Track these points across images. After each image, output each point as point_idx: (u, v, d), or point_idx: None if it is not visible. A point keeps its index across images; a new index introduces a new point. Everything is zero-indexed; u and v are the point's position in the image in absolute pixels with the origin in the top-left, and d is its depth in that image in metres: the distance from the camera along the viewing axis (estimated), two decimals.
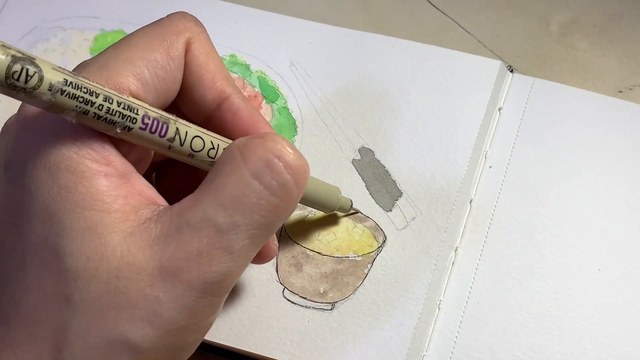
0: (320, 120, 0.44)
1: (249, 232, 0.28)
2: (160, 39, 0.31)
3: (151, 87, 0.30)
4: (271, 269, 0.39)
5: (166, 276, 0.27)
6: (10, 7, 0.50)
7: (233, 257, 0.28)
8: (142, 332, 0.27)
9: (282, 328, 0.38)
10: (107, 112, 0.27)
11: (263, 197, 0.28)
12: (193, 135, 0.29)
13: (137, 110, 0.28)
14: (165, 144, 0.29)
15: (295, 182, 0.28)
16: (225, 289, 0.28)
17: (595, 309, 0.38)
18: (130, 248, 0.27)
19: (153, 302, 0.27)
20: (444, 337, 0.38)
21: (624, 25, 0.48)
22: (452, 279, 0.39)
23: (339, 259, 0.39)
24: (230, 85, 0.33)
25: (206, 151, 0.30)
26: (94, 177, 0.27)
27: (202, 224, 0.27)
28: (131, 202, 0.28)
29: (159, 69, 0.30)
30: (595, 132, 0.42)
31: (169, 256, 0.27)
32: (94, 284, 0.27)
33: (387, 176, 0.42)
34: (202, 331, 0.29)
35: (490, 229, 0.40)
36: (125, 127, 0.27)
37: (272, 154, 0.28)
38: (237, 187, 0.27)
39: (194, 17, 0.33)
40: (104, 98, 0.26)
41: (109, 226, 0.27)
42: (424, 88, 0.44)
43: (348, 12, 0.50)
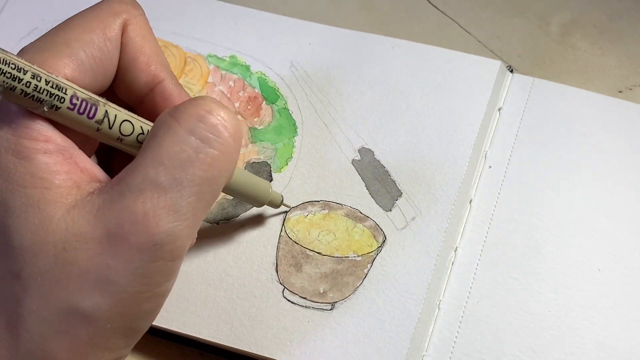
0: (320, 120, 0.44)
1: (192, 188, 0.27)
2: (97, 20, 0.31)
3: (87, 69, 0.30)
4: (271, 269, 0.39)
5: (114, 242, 0.27)
6: (11, 8, 0.50)
7: (180, 215, 0.27)
8: (94, 300, 0.27)
9: (282, 328, 0.38)
10: (34, 90, 0.27)
11: (201, 150, 0.28)
12: (122, 119, 0.30)
13: (65, 89, 0.28)
14: (93, 125, 0.29)
15: (231, 133, 0.28)
16: (177, 251, 0.28)
17: (595, 309, 0.38)
18: (74, 219, 0.27)
19: (103, 269, 0.27)
20: (444, 337, 0.38)
21: (624, 25, 0.48)
22: (452, 279, 0.39)
23: (339, 259, 0.39)
24: (164, 70, 0.32)
25: (135, 135, 0.30)
26: (32, 155, 0.27)
27: (144, 185, 0.27)
28: (73, 177, 0.28)
29: (95, 50, 0.30)
30: (595, 132, 0.42)
31: (115, 222, 0.27)
32: (42, 258, 0.27)
33: (387, 176, 0.42)
34: (158, 299, 0.29)
35: (490, 229, 0.40)
36: (52, 106, 0.27)
37: (203, 109, 0.28)
38: (173, 145, 0.27)
39: (133, 0, 0.33)
40: (31, 75, 0.27)
41: (50, 201, 0.27)
42: (424, 88, 0.44)
43: (348, 13, 0.50)
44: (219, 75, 0.46)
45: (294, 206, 0.41)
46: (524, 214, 0.40)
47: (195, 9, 0.49)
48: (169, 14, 0.49)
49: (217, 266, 0.39)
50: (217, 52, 0.47)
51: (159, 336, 0.39)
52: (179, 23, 0.48)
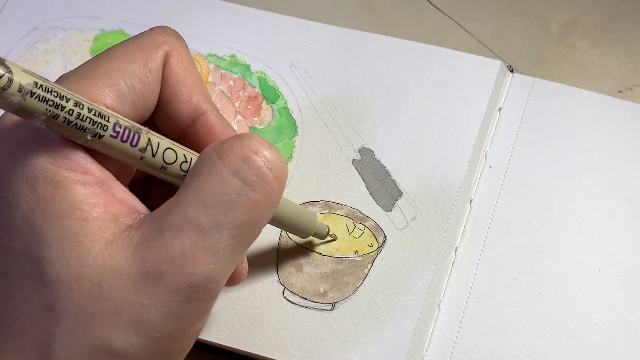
0: (320, 120, 0.44)
1: (232, 230, 0.27)
2: (139, 51, 0.30)
3: (128, 99, 0.30)
4: (271, 270, 0.39)
5: (150, 281, 0.26)
6: (11, 7, 0.50)
7: (217, 257, 0.27)
8: (126, 339, 0.26)
9: (282, 328, 0.38)
10: (77, 118, 0.26)
11: (243, 193, 0.27)
12: (165, 147, 0.29)
13: (108, 117, 0.28)
14: (137, 154, 0.28)
15: (275, 176, 0.28)
16: (212, 292, 0.28)
17: (595, 309, 0.38)
18: (112, 255, 0.27)
19: (137, 308, 0.26)
20: (444, 337, 0.38)
21: (624, 25, 0.48)
22: (452, 279, 0.39)
23: (339, 259, 0.39)
24: (206, 102, 0.32)
25: (179, 164, 0.30)
26: (71, 186, 0.27)
27: (184, 224, 0.27)
28: (111, 210, 0.28)
29: (136, 81, 0.30)
30: (595, 132, 0.42)
31: (152, 260, 0.26)
32: (77, 291, 0.26)
33: (387, 176, 0.42)
34: (190, 339, 0.29)
35: (490, 229, 0.40)
36: (96, 134, 0.27)
37: (249, 149, 0.28)
38: (216, 185, 0.27)
39: (175, 31, 0.33)
40: (74, 103, 0.26)
41: (88, 234, 0.27)
42: (424, 88, 0.44)
43: (348, 12, 0.50)
44: (219, 75, 0.46)
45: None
46: (524, 214, 0.40)
47: (195, 8, 0.49)
48: (169, 13, 0.49)
49: None
50: (217, 51, 0.47)
51: None
52: (178, 22, 0.48)
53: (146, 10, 0.49)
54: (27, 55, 0.48)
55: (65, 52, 0.48)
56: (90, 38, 0.49)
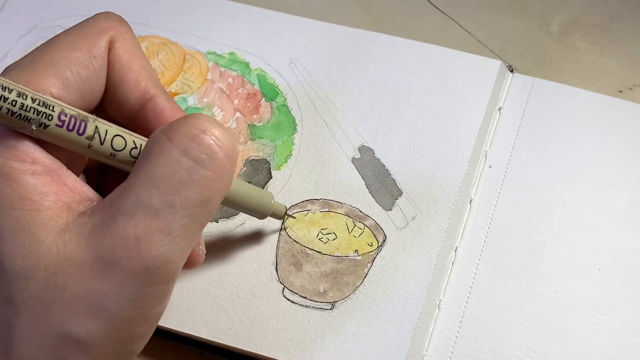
0: (319, 118, 0.44)
1: (185, 210, 0.27)
2: (82, 38, 0.30)
3: (74, 87, 0.29)
4: (271, 268, 0.39)
5: (106, 266, 0.26)
6: (11, 6, 0.49)
7: (172, 238, 0.27)
8: (86, 326, 0.27)
9: (282, 327, 0.38)
10: (20, 108, 0.26)
11: (194, 172, 0.27)
12: (114, 134, 0.29)
13: (52, 107, 0.27)
14: (84, 142, 0.28)
15: (225, 153, 0.28)
16: (170, 274, 0.28)
17: (595, 309, 0.38)
18: (66, 243, 0.27)
19: (95, 295, 0.26)
20: (444, 337, 0.37)
21: (624, 25, 0.48)
22: (452, 278, 0.39)
23: (339, 258, 0.39)
24: (154, 86, 0.32)
25: (128, 150, 0.29)
26: (20, 176, 0.27)
27: (136, 208, 0.27)
28: (63, 198, 0.27)
29: (81, 68, 0.30)
30: (595, 132, 0.42)
31: (107, 246, 0.26)
32: (33, 282, 0.26)
33: (387, 175, 0.42)
34: (151, 321, 0.29)
35: (490, 229, 0.40)
36: (41, 124, 0.27)
37: (197, 129, 0.28)
38: (166, 166, 0.27)
39: (119, 17, 0.32)
40: (17, 94, 0.26)
41: (41, 224, 0.27)
42: (424, 87, 0.44)
43: (348, 11, 0.50)
44: (218, 72, 0.46)
45: (294, 205, 0.41)
46: (524, 214, 0.40)
47: (194, 6, 0.48)
48: (168, 11, 0.48)
49: (217, 265, 0.39)
50: (216, 49, 0.47)
51: (158, 335, 0.39)
52: (178, 20, 0.48)
53: (146, 9, 0.49)
54: None
55: None
56: None
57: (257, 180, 0.42)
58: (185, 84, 0.46)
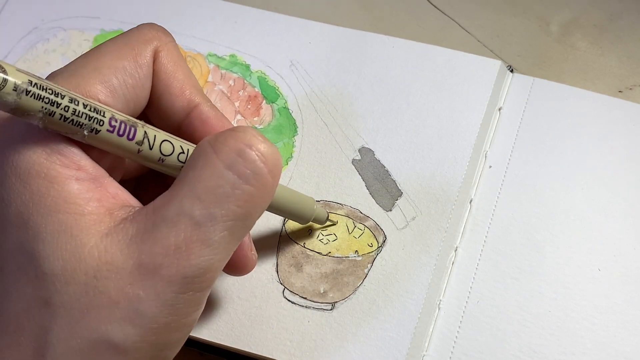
0: (320, 120, 0.44)
1: (226, 223, 0.27)
2: (128, 47, 0.31)
3: (120, 95, 0.30)
4: (271, 269, 0.39)
5: (145, 273, 0.27)
6: (11, 7, 0.50)
7: (212, 249, 0.27)
8: (124, 331, 0.27)
9: (282, 328, 0.38)
10: (73, 114, 0.27)
11: (238, 187, 0.28)
12: (162, 139, 0.29)
13: (103, 112, 0.28)
14: (134, 147, 0.29)
15: (269, 170, 0.28)
16: (207, 283, 0.28)
17: (595, 309, 0.38)
18: (107, 248, 0.27)
19: (134, 300, 0.27)
20: (444, 337, 0.38)
21: (624, 25, 0.48)
22: (452, 279, 0.39)
23: (339, 259, 0.39)
24: (198, 94, 0.33)
25: (176, 155, 0.30)
26: (65, 181, 0.27)
27: (178, 217, 0.27)
28: (105, 204, 0.28)
29: (127, 77, 0.30)
30: (595, 132, 0.42)
31: (147, 252, 0.27)
32: (72, 285, 0.27)
33: (387, 176, 0.42)
34: (186, 329, 0.29)
35: (490, 229, 0.40)
36: (92, 129, 0.27)
37: (243, 143, 0.28)
38: (211, 179, 0.27)
39: (162, 28, 0.33)
40: (69, 100, 0.27)
41: (84, 228, 0.27)
42: (424, 88, 0.44)
43: (348, 12, 0.50)
44: (219, 74, 0.46)
45: None
46: (524, 214, 0.40)
47: (195, 8, 0.49)
48: (169, 13, 0.49)
49: None
50: (217, 51, 0.47)
51: None
52: (178, 22, 0.48)
53: (146, 10, 0.49)
54: (27, 56, 0.48)
55: (66, 52, 0.48)
56: (90, 38, 0.49)
57: None
58: None
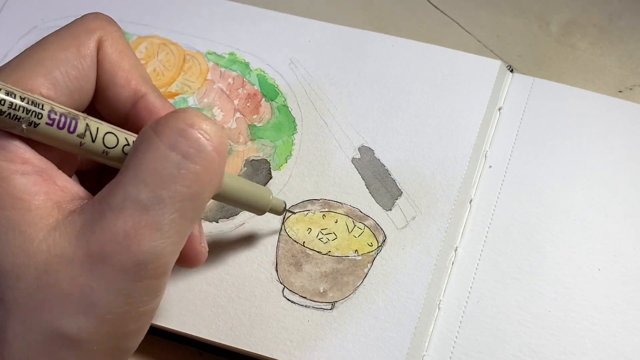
0: (320, 118, 0.44)
1: (175, 205, 0.27)
2: (71, 38, 0.30)
3: (63, 87, 0.29)
4: (271, 268, 0.39)
5: (96, 263, 0.26)
6: (10, 7, 0.49)
7: (162, 233, 0.27)
8: (78, 323, 0.26)
9: (282, 328, 0.38)
10: (9, 107, 0.26)
11: (183, 166, 0.27)
12: (105, 132, 0.29)
13: (42, 105, 0.27)
14: (75, 140, 0.28)
15: (214, 147, 0.28)
16: (162, 269, 0.28)
17: (595, 309, 0.38)
18: (56, 241, 0.27)
19: (86, 291, 0.26)
20: (444, 337, 0.37)
21: (624, 25, 0.48)
22: (452, 278, 0.39)
23: (339, 258, 0.39)
24: (145, 84, 0.32)
25: (121, 147, 0.29)
26: (10, 176, 0.27)
27: (125, 203, 0.27)
28: (53, 197, 0.27)
29: (70, 68, 0.30)
30: (595, 132, 0.42)
31: (96, 242, 0.26)
32: (24, 281, 0.26)
33: (387, 175, 0.42)
34: (145, 318, 0.29)
35: (490, 229, 0.40)
36: (30, 122, 0.27)
37: (185, 123, 0.27)
38: (154, 161, 0.27)
39: (108, 17, 0.32)
40: (5, 93, 0.26)
41: (31, 223, 0.27)
42: (424, 87, 0.44)
43: (348, 11, 0.50)
44: (218, 73, 0.46)
45: (294, 205, 0.41)
46: (524, 214, 0.40)
47: (194, 6, 0.48)
48: (168, 12, 0.48)
49: (217, 265, 0.39)
50: (217, 49, 0.47)
51: (158, 335, 0.39)
52: (178, 20, 0.48)
53: (146, 9, 0.49)
54: None
55: None
56: None
57: (257, 181, 0.42)
58: (186, 85, 0.46)
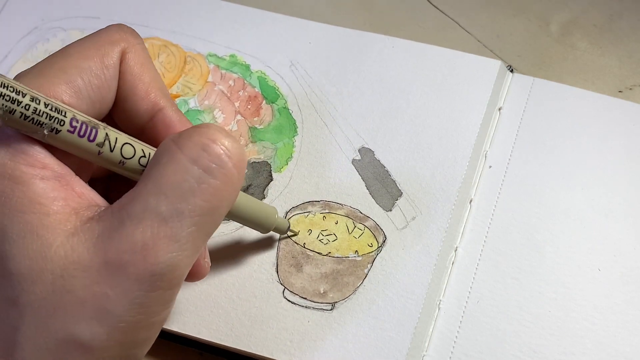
0: (320, 120, 0.44)
1: (193, 218, 0.27)
2: (94, 48, 0.31)
3: (85, 96, 0.30)
4: (271, 270, 0.39)
5: (112, 271, 0.27)
6: (11, 7, 0.50)
7: (179, 245, 0.27)
8: (91, 330, 0.27)
9: (282, 328, 0.38)
10: (34, 113, 0.27)
11: (203, 181, 0.27)
12: (123, 142, 0.29)
13: (65, 112, 0.28)
14: (94, 149, 0.29)
15: (234, 163, 0.28)
16: (175, 281, 0.28)
17: (595, 309, 0.38)
18: (73, 247, 0.27)
19: (101, 299, 0.27)
20: (444, 337, 0.38)
21: (624, 25, 0.48)
22: (452, 279, 0.39)
23: (339, 259, 0.39)
24: (164, 98, 0.33)
25: (137, 158, 0.30)
26: (30, 180, 0.27)
27: (145, 214, 0.27)
28: (71, 203, 0.28)
29: (92, 77, 0.30)
30: (595, 132, 0.42)
31: (114, 250, 0.27)
32: (39, 285, 0.27)
33: (387, 176, 0.42)
34: (155, 327, 0.29)
35: (490, 229, 0.40)
36: (52, 129, 0.27)
37: (207, 138, 0.28)
38: (176, 174, 0.27)
39: (131, 29, 0.33)
40: (30, 98, 0.27)
41: (49, 228, 0.27)
42: (424, 88, 0.44)
43: (348, 12, 0.50)
44: (219, 75, 0.46)
45: (295, 206, 0.41)
46: (524, 214, 0.40)
47: (195, 8, 0.49)
48: (169, 13, 0.49)
49: (218, 266, 0.39)
50: (217, 51, 0.47)
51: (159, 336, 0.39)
52: (178, 22, 0.48)
53: (146, 10, 0.49)
54: (27, 56, 0.48)
55: None
56: None
57: (258, 183, 0.42)
58: (186, 86, 0.46)
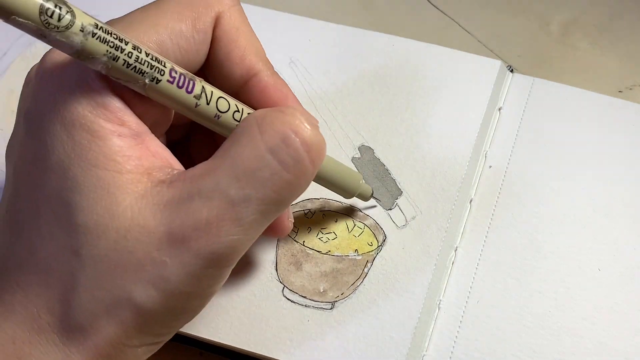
0: (319, 117, 0.44)
1: (260, 206, 0.28)
2: (189, 9, 0.30)
3: (171, 57, 0.29)
4: (271, 268, 0.39)
5: (174, 242, 0.27)
6: None
7: (242, 229, 0.28)
8: (147, 293, 0.27)
9: (282, 327, 0.37)
10: (136, 61, 0.26)
11: (277, 173, 0.28)
12: (218, 96, 0.29)
13: (164, 63, 0.27)
14: (192, 101, 0.28)
15: (311, 159, 0.28)
16: (232, 260, 0.29)
17: (595, 309, 0.38)
18: (141, 210, 0.27)
19: (159, 266, 0.27)
20: (444, 337, 0.37)
21: (624, 25, 0.48)
22: (452, 278, 0.39)
23: (339, 258, 0.39)
24: (260, 61, 0.32)
25: (231, 113, 0.29)
26: (107, 136, 0.27)
27: (214, 194, 0.27)
28: (145, 163, 0.28)
29: (182, 40, 0.30)
30: (595, 132, 0.42)
31: (179, 223, 0.27)
32: (103, 241, 0.27)
33: (387, 175, 0.41)
34: (206, 298, 0.30)
35: (490, 229, 0.40)
36: (153, 78, 0.27)
37: (289, 128, 0.28)
38: (252, 161, 0.27)
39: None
40: (133, 46, 0.26)
41: (121, 186, 0.27)
42: (423, 87, 0.44)
43: (348, 10, 0.50)
44: None
45: (294, 204, 0.41)
46: (524, 214, 0.40)
47: None
48: None
49: None
50: None
51: None
52: None
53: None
54: (27, 53, 0.48)
55: None
56: None
57: None
58: None
